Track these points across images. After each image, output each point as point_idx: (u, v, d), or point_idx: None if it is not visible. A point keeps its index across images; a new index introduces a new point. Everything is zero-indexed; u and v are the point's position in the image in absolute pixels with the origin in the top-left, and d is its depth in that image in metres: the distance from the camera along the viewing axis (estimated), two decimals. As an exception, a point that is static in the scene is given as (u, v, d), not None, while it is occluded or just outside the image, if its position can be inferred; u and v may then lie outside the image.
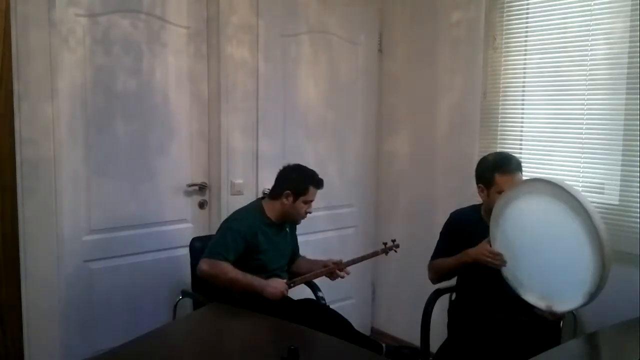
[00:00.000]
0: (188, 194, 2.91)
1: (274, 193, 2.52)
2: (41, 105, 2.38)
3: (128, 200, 2.70)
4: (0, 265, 2.34)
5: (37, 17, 2.33)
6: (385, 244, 2.68)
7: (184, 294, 2.55)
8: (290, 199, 2.46)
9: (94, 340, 2.58)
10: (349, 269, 2.56)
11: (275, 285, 2.34)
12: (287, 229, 2.61)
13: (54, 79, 2.40)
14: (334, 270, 2.52)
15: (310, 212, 2.54)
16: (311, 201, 2.50)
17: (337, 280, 2.54)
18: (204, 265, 2.33)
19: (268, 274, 2.43)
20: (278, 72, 3.06)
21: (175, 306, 2.59)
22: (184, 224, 2.89)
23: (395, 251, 2.70)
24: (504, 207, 2.21)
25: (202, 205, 2.96)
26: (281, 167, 2.56)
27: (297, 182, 2.48)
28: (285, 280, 2.41)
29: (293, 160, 2.59)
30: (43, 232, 2.43)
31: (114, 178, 2.65)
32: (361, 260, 2.61)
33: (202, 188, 2.95)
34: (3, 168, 2.31)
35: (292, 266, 2.65)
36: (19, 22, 2.28)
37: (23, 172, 2.35)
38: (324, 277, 2.56)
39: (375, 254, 2.66)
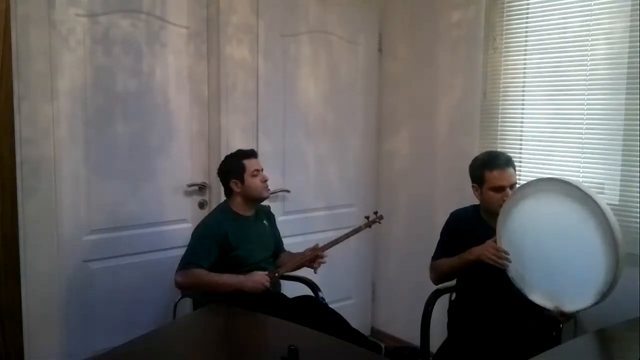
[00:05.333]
0: (188, 194, 2.91)
1: (226, 190, 2.57)
2: (41, 105, 2.38)
3: (128, 200, 2.70)
4: (0, 265, 2.33)
5: (37, 17, 2.33)
6: (367, 217, 2.58)
7: (184, 294, 2.55)
8: (239, 183, 2.50)
9: (94, 340, 2.58)
10: (327, 251, 2.49)
11: (256, 279, 2.34)
12: (265, 222, 2.63)
13: (54, 79, 2.40)
14: (311, 257, 2.47)
15: (266, 180, 2.53)
16: (258, 171, 2.51)
17: (336, 280, 2.51)
18: (178, 277, 2.38)
19: (250, 267, 2.43)
20: (278, 72, 3.06)
21: (175, 306, 2.58)
22: (184, 224, 2.89)
23: (380, 222, 2.59)
24: (512, 206, 2.20)
25: (202, 205, 2.96)
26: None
27: (231, 168, 2.52)
28: (266, 272, 2.40)
29: (293, 160, 2.59)
30: (43, 232, 2.43)
31: (114, 178, 2.65)
32: (343, 240, 2.50)
33: (202, 188, 2.95)
34: (3, 168, 2.31)
35: (276, 261, 2.65)
36: (19, 22, 2.28)
37: (23, 172, 2.35)
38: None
39: (358, 230, 2.55)
